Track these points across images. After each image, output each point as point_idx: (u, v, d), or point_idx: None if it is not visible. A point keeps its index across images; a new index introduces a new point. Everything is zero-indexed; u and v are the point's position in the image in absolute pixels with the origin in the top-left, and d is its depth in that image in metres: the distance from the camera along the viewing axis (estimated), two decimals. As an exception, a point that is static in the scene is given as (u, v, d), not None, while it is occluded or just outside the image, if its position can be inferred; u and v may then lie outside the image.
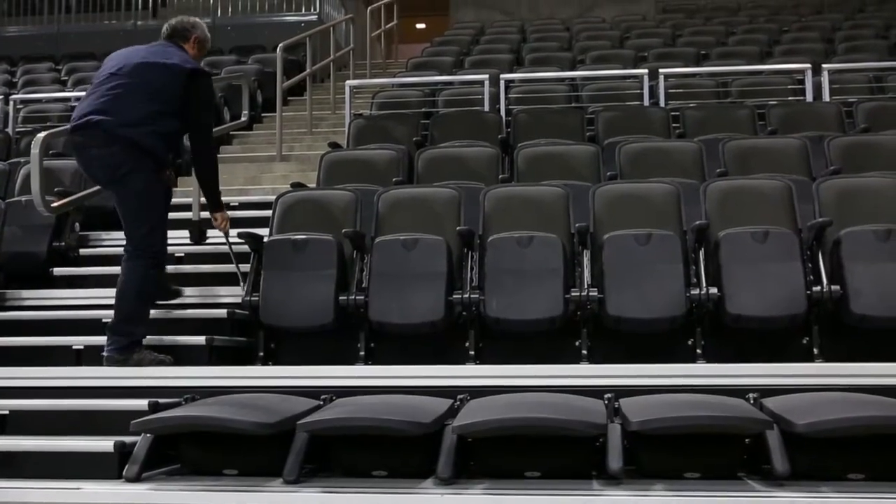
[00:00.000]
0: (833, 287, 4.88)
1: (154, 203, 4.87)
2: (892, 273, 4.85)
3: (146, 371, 4.66)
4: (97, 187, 5.67)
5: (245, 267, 5.46)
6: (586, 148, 6.75)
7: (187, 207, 6.45)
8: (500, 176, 6.52)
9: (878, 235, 4.95)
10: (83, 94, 9.89)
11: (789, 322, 4.91)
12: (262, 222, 6.24)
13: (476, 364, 5.07)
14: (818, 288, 4.90)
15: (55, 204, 5.61)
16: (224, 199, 5.46)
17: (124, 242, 4.94)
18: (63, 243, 6.27)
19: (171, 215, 5.25)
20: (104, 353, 4.78)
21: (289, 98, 10.66)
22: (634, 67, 9.74)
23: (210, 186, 5.14)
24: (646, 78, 8.45)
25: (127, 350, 4.75)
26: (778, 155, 6.37)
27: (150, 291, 4.93)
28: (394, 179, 6.37)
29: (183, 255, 6.27)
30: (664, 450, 3.63)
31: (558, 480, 3.65)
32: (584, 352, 5.03)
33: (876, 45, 10.65)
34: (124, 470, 3.79)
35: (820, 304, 4.91)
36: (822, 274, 4.99)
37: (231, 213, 6.14)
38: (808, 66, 8.29)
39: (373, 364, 5.21)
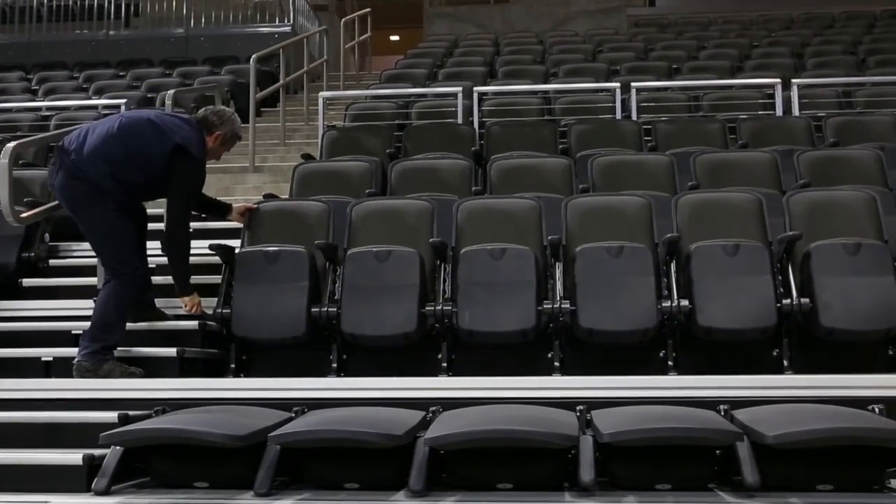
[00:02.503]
0: (803, 300, 4.92)
1: (116, 237, 4.92)
2: (860, 286, 4.89)
3: (116, 383, 4.63)
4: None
5: (216, 279, 5.44)
6: (559, 161, 6.78)
7: (159, 218, 6.40)
8: (473, 188, 6.53)
9: (847, 249, 5.00)
10: (53, 103, 9.92)
11: (760, 334, 4.95)
12: (233, 233, 6.22)
13: (448, 376, 5.06)
14: (788, 301, 4.94)
15: (25, 214, 5.57)
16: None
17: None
18: (32, 254, 6.21)
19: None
20: (74, 361, 4.80)
21: (262, 109, 10.64)
22: (607, 81, 9.79)
23: (177, 268, 5.13)
24: (618, 91, 8.49)
25: (98, 357, 4.78)
26: (748, 168, 6.42)
27: (124, 305, 4.95)
28: (367, 191, 6.37)
29: (154, 266, 6.22)
30: (636, 461, 3.65)
31: (530, 492, 3.66)
32: (557, 364, 5.04)
33: (844, 61, 10.78)
34: (93, 483, 3.76)
35: (790, 316, 4.95)
36: (792, 287, 5.03)
37: (203, 224, 6.16)
38: (778, 80, 8.38)
39: (345, 376, 5.19)
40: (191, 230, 5.17)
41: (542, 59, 12.05)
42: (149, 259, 5.59)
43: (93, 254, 5.43)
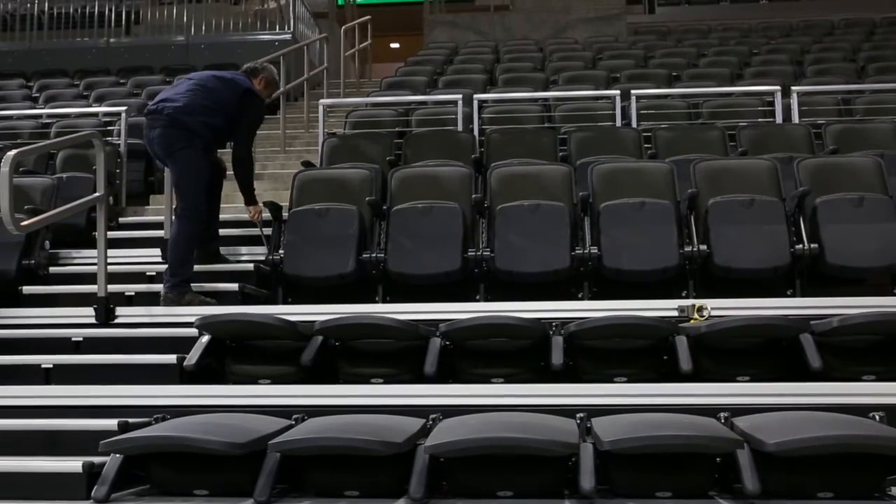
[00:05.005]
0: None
1: (199, 175, 5.92)
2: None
3: (116, 390, 4.62)
4: (68, 205, 5.69)
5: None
6: (559, 168, 6.78)
7: (159, 226, 6.41)
8: (474, 196, 6.52)
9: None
10: (54, 111, 9.97)
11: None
12: (234, 241, 6.30)
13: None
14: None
15: (25, 222, 5.56)
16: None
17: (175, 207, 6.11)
18: (33, 261, 6.21)
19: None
20: (161, 294, 5.72)
21: (262, 117, 10.62)
22: (607, 88, 9.81)
23: (244, 185, 6.33)
24: (618, 99, 8.50)
25: (180, 289, 5.70)
26: (748, 176, 6.42)
27: (193, 241, 5.91)
28: (367, 199, 6.37)
29: (154, 273, 6.28)
30: (636, 469, 3.64)
31: (531, 500, 3.65)
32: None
33: (844, 68, 10.80)
34: (93, 491, 3.74)
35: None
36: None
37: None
38: (778, 88, 8.39)
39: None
40: (253, 155, 6.42)
41: (541, 66, 12.08)
42: (149, 265, 6.32)
43: (93, 261, 5.55)
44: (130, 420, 4.18)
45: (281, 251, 6.14)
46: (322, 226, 6.11)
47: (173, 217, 6.21)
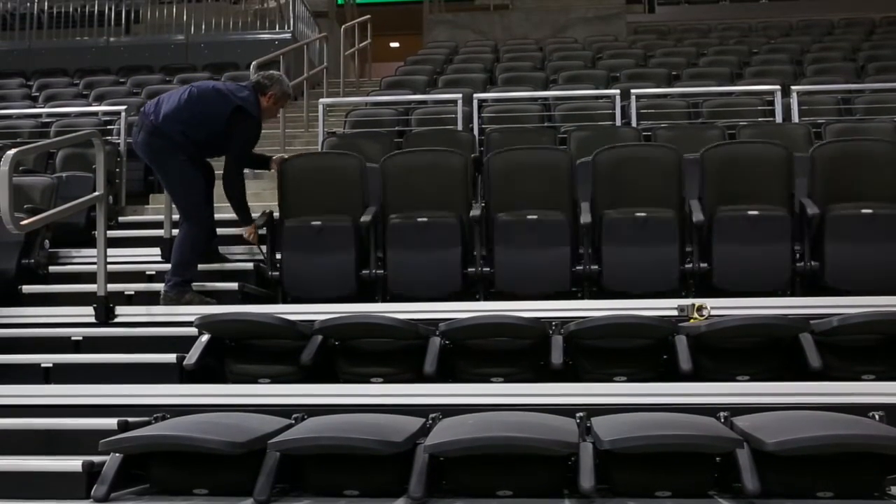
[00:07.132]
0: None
1: (188, 183, 5.84)
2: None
3: (116, 389, 4.63)
4: (68, 205, 5.70)
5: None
6: (560, 156, 6.72)
7: (159, 224, 6.41)
8: (472, 213, 6.36)
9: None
10: (53, 110, 10.01)
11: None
12: (233, 240, 6.30)
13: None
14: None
15: (25, 221, 5.56)
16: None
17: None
18: (32, 261, 6.21)
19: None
20: (161, 293, 5.70)
21: (262, 116, 10.62)
22: (606, 87, 9.81)
23: (236, 206, 6.03)
24: (618, 98, 8.50)
25: (180, 288, 5.69)
26: (757, 165, 6.36)
27: (198, 244, 5.84)
28: (361, 220, 6.20)
29: (155, 272, 6.29)
30: (636, 468, 3.64)
31: (530, 499, 3.65)
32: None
33: (844, 68, 10.80)
34: (93, 490, 3.74)
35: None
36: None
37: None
38: (778, 87, 8.38)
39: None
40: (244, 176, 6.20)
41: (541, 65, 12.08)
42: (148, 264, 6.34)
43: (93, 260, 5.62)
44: (130, 419, 4.18)
45: (278, 271, 6.03)
46: (318, 244, 5.96)
47: (174, 218, 6.19)
